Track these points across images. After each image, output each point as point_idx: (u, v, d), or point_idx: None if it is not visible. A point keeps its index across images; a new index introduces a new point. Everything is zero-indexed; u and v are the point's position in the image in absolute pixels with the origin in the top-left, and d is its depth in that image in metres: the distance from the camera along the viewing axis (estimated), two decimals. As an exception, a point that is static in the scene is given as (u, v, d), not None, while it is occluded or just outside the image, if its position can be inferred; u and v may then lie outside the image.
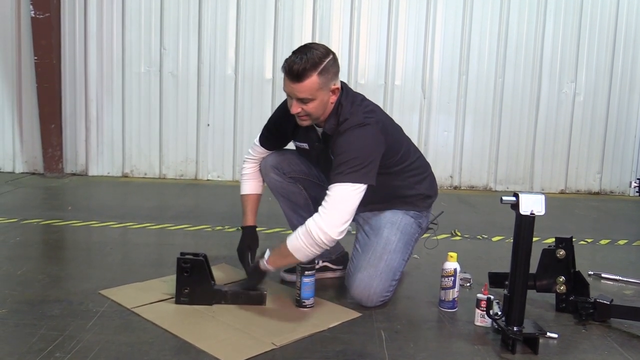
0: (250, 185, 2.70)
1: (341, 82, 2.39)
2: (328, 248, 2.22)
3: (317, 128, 2.44)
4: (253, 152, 2.73)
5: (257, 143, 2.70)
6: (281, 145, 2.71)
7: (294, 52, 2.28)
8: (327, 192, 2.22)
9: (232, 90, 5.70)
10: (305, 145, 2.54)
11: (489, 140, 5.85)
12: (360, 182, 2.21)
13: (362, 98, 2.45)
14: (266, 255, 2.35)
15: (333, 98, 2.32)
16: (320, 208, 2.20)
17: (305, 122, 2.36)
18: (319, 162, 2.59)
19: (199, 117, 5.72)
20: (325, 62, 2.23)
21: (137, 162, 5.78)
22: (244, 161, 2.76)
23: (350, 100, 2.36)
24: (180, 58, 5.65)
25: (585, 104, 5.84)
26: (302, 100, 2.26)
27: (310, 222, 2.19)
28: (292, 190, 2.70)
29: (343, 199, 2.18)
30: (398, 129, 2.58)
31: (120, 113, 5.69)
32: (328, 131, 2.37)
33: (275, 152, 2.70)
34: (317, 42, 5.40)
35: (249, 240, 2.63)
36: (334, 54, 2.30)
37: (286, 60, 2.26)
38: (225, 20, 5.61)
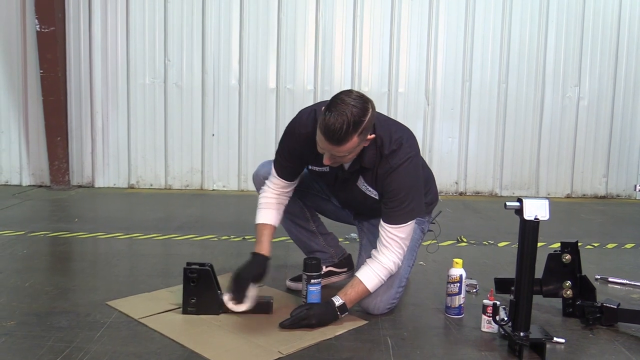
0: (268, 214, 2.49)
1: None
2: None
3: None
4: (271, 183, 2.50)
5: (275, 174, 2.47)
6: (300, 172, 2.51)
7: (329, 109, 2.06)
8: (389, 230, 2.29)
9: (236, 100, 5.73)
10: (325, 169, 2.42)
11: (494, 146, 5.85)
12: (415, 218, 2.34)
13: (387, 119, 2.41)
14: (338, 303, 2.29)
15: (367, 143, 2.20)
16: (389, 246, 2.30)
17: (334, 165, 2.29)
18: (335, 185, 2.51)
19: (204, 127, 5.74)
20: (365, 121, 2.08)
21: (142, 173, 5.81)
22: (262, 190, 2.54)
23: (385, 128, 2.28)
24: (185, 69, 5.69)
25: (589, 108, 5.83)
26: (338, 156, 2.16)
27: (386, 261, 2.30)
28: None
29: (408, 236, 2.33)
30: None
31: (125, 124, 5.73)
32: (367, 165, 2.29)
33: (268, 162, 2.61)
34: (320, 56, 5.54)
35: (256, 270, 2.41)
36: (372, 104, 2.14)
37: (324, 119, 2.05)
38: (228, 31, 5.65)
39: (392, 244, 2.30)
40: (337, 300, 2.29)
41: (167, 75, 5.69)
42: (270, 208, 2.50)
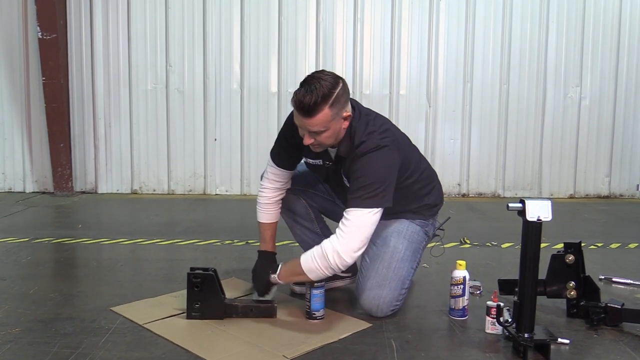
0: (269, 215, 2.63)
1: (351, 99, 2.33)
2: (341, 270, 2.25)
3: (330, 148, 2.40)
4: (269, 175, 2.62)
5: (272, 163, 2.59)
6: (297, 162, 2.60)
7: (302, 85, 2.19)
8: (345, 215, 2.22)
9: (238, 105, 5.74)
10: (319, 162, 2.49)
11: (496, 147, 5.84)
12: (378, 207, 2.22)
13: (375, 116, 2.42)
14: (278, 269, 2.35)
15: (346, 124, 2.26)
16: (338, 231, 2.22)
17: (318, 150, 2.34)
18: (328, 179, 2.59)
19: (206, 132, 5.76)
20: (335, 93, 2.16)
21: (145, 178, 5.82)
22: (262, 185, 2.64)
23: (364, 122, 2.31)
24: (186, 74, 5.70)
25: (591, 108, 5.83)
26: (315, 133, 2.21)
27: (326, 244, 2.20)
28: (290, 200, 2.71)
29: (360, 225, 2.20)
30: (408, 143, 2.57)
31: (128, 130, 5.75)
32: (342, 154, 2.34)
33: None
34: (321, 59, 5.56)
35: (268, 264, 2.54)
36: (343, 80, 2.23)
37: (295, 94, 2.18)
38: (229, 36, 5.66)
39: (340, 228, 2.21)
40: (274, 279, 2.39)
41: (169, 81, 5.70)
42: (270, 208, 2.63)
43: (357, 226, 2.19)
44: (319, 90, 2.13)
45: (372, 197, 2.20)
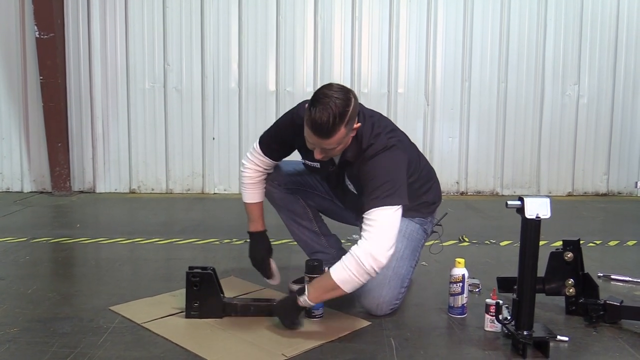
0: (254, 194, 2.63)
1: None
2: (377, 273, 2.14)
3: None
4: (254, 159, 2.59)
5: (260, 152, 2.56)
6: (286, 156, 2.64)
7: (313, 104, 2.11)
8: (367, 217, 2.15)
9: (236, 104, 5.73)
10: (316, 165, 2.48)
11: (494, 145, 5.85)
12: (398, 204, 2.18)
13: (379, 117, 2.41)
14: (305, 291, 2.19)
15: (354, 132, 2.25)
16: (364, 234, 2.13)
17: (325, 159, 2.33)
18: (328, 181, 2.59)
19: (204, 131, 5.75)
20: (350, 111, 2.12)
21: (144, 177, 5.82)
22: (244, 166, 2.62)
23: (369, 124, 2.31)
24: (184, 73, 5.70)
25: (589, 106, 5.83)
26: (329, 149, 2.20)
27: (357, 251, 2.10)
28: (289, 200, 2.72)
29: (386, 223, 2.15)
30: (409, 142, 2.57)
31: (126, 130, 5.74)
32: (349, 158, 2.32)
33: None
34: (319, 58, 5.56)
35: (262, 245, 2.62)
36: (353, 93, 2.18)
37: (310, 115, 2.10)
38: (227, 35, 5.65)
39: (365, 230, 2.14)
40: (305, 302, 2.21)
41: (167, 80, 5.70)
42: (254, 188, 2.63)
43: (383, 225, 2.14)
44: (334, 110, 2.08)
45: (391, 195, 2.17)
